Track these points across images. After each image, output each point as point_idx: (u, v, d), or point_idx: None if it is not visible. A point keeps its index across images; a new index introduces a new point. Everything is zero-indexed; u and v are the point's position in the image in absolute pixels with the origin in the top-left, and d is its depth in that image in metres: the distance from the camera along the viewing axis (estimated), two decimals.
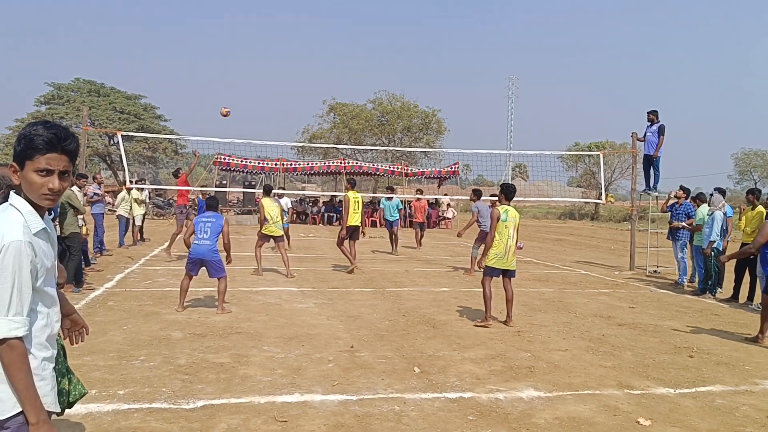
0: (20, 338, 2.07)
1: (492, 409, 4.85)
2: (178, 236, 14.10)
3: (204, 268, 8.41)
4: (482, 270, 8.39)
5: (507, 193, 8.39)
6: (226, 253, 8.54)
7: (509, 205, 8.34)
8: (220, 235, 8.40)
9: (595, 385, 5.57)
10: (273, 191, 12.99)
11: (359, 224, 12.98)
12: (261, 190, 16.53)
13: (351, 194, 12.77)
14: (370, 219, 30.92)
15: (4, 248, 2.05)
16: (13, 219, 2.14)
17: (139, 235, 17.39)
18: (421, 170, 35.35)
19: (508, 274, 8.25)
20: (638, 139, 15.01)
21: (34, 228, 2.18)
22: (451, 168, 33.37)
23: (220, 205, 29.26)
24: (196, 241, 8.35)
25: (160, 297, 9.14)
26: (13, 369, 2.05)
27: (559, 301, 10.09)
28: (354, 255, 13.01)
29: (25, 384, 2.07)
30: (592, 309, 9.45)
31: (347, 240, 12.84)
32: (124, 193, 16.50)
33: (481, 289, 8.25)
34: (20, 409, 2.08)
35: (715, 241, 10.71)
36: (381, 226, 30.00)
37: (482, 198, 13.63)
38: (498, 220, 8.09)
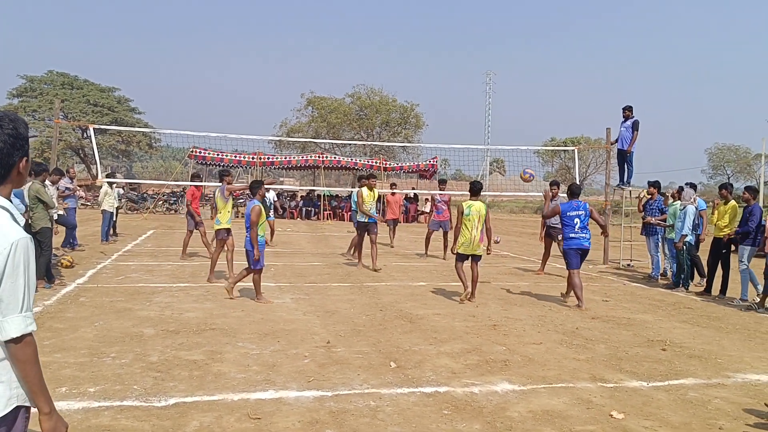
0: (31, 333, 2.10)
1: (467, 403, 4.86)
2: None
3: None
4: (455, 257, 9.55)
5: (473, 189, 9.50)
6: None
7: (476, 199, 9.32)
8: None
9: (568, 378, 5.61)
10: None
11: (366, 220, 12.65)
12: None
13: (363, 190, 12.67)
14: (349, 213, 30.84)
15: (13, 246, 2.03)
16: (8, 217, 2.12)
17: (111, 230, 17.09)
18: (399, 165, 35.35)
19: (475, 258, 9.32)
20: (612, 143, 15.26)
21: (21, 223, 2.18)
22: (430, 162, 33.42)
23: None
24: None
25: (133, 293, 9.01)
26: (29, 364, 2.06)
27: (534, 294, 10.16)
28: (373, 254, 12.55)
29: (40, 377, 2.10)
30: (567, 302, 9.50)
31: (363, 237, 12.82)
32: (106, 187, 16.22)
33: (456, 274, 9.54)
34: (12, 407, 2.08)
35: (687, 235, 10.85)
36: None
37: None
38: (462, 214, 9.16)
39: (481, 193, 9.63)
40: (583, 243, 9.19)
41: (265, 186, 15.61)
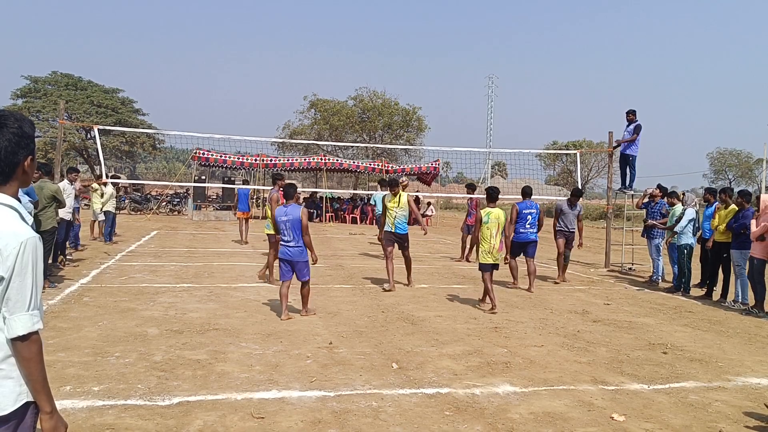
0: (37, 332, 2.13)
1: (468, 404, 4.88)
2: None
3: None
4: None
5: (491, 195, 9.09)
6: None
7: (494, 206, 8.98)
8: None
9: (570, 381, 5.63)
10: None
11: (393, 230, 10.43)
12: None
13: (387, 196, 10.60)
14: (351, 216, 30.93)
15: (22, 245, 2.06)
16: (16, 216, 2.16)
17: (99, 230, 16.93)
18: (401, 167, 35.38)
19: (494, 267, 9.00)
20: (616, 142, 15.17)
21: (29, 222, 2.21)
22: (432, 165, 33.46)
23: (200, 201, 28.74)
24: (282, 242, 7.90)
25: (136, 293, 9.05)
26: (34, 362, 2.09)
27: (535, 297, 10.17)
28: (408, 270, 10.78)
29: (43, 376, 2.12)
30: (568, 305, 9.54)
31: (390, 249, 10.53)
32: (111, 189, 16.26)
33: (483, 283, 9.03)
34: (22, 403, 2.11)
35: (682, 237, 10.92)
36: (363, 222, 30.04)
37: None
38: (481, 222, 8.87)
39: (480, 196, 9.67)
40: (530, 236, 10.85)
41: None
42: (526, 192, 10.97)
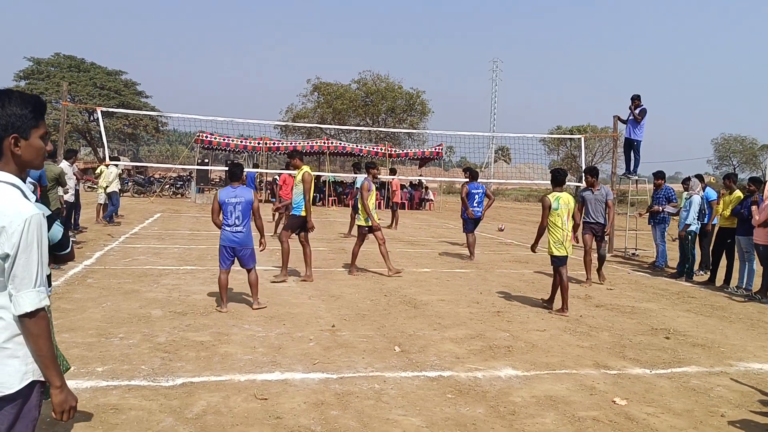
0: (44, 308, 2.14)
1: (470, 388, 4.90)
2: None
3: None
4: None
5: (557, 178, 8.16)
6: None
7: (562, 191, 8.08)
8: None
9: (572, 365, 5.64)
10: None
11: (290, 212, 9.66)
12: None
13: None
14: (354, 199, 30.94)
15: (26, 222, 2.07)
16: (19, 194, 2.16)
17: (102, 213, 16.89)
18: (404, 151, 35.31)
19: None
20: (620, 121, 15.06)
21: (32, 200, 2.21)
22: (435, 150, 33.38)
23: (203, 184, 28.73)
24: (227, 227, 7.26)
25: (140, 275, 9.07)
26: (41, 338, 2.11)
27: (538, 282, 10.17)
28: (307, 262, 9.50)
29: (52, 351, 2.15)
30: (571, 290, 9.48)
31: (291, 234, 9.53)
32: (116, 169, 16.25)
33: (557, 278, 8.04)
34: (27, 382, 2.14)
35: (690, 225, 10.85)
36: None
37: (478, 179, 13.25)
38: (549, 209, 7.89)
39: (488, 181, 9.51)
40: (478, 213, 12.42)
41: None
42: (473, 175, 12.89)
